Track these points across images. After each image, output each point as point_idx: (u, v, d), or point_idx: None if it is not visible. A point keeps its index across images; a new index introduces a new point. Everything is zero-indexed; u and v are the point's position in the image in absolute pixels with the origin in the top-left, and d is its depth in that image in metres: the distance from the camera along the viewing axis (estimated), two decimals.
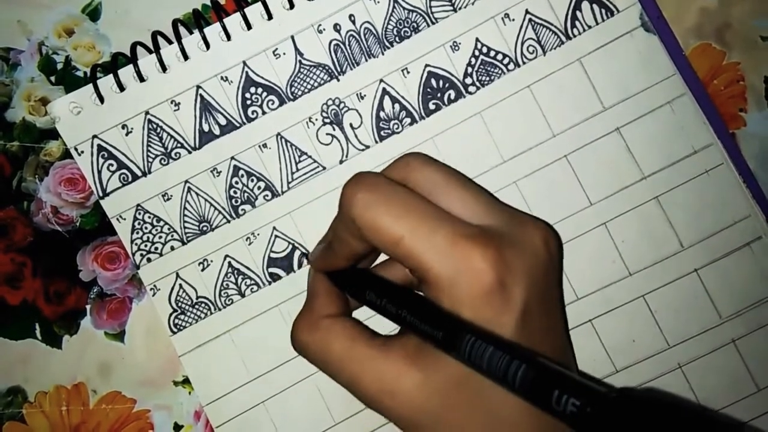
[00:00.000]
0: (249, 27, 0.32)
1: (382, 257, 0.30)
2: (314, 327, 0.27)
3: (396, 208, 0.24)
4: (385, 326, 0.30)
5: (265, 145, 0.32)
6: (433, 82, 0.32)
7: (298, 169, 0.32)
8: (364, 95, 0.32)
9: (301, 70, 0.32)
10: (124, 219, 0.32)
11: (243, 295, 0.32)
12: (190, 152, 0.32)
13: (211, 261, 0.32)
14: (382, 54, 0.32)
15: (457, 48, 0.32)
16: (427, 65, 0.32)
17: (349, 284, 0.28)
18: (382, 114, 0.32)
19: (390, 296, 0.26)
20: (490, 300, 0.23)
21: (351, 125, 0.32)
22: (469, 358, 0.21)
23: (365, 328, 0.27)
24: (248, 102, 0.32)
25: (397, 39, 0.32)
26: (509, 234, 0.25)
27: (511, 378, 0.20)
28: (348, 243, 0.26)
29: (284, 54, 0.32)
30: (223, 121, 0.32)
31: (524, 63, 0.32)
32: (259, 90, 0.32)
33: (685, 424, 0.17)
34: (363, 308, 0.29)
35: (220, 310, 0.32)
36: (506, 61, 0.32)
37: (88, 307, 0.32)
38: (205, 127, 0.32)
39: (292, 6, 0.32)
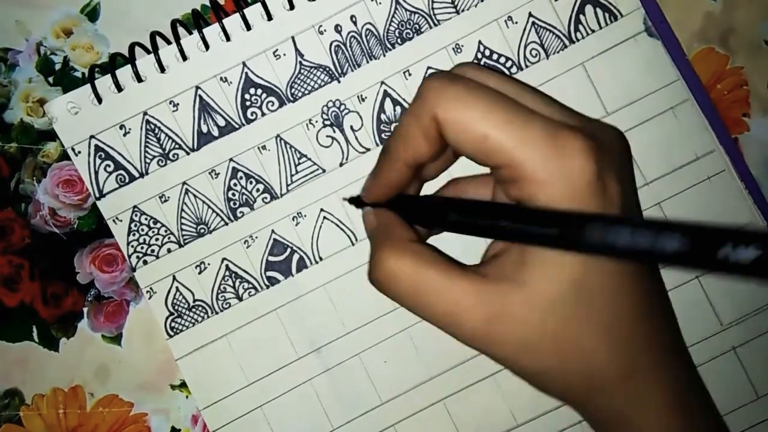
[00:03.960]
0: (249, 28, 0.31)
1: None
2: (404, 253, 0.24)
3: (483, 102, 0.22)
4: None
5: (264, 147, 0.32)
6: None
7: (297, 172, 0.32)
8: (365, 97, 0.32)
9: (302, 71, 0.32)
10: (121, 220, 0.31)
11: (240, 299, 0.31)
12: (188, 153, 0.31)
13: (209, 264, 0.31)
14: (384, 55, 0.32)
15: (459, 50, 0.32)
16: (429, 67, 0.32)
17: (419, 211, 0.25)
18: (383, 116, 0.32)
19: (479, 210, 0.23)
20: (594, 193, 0.22)
21: (351, 127, 0.32)
22: (601, 248, 0.20)
23: (452, 259, 0.24)
24: (248, 103, 0.31)
25: (398, 40, 0.32)
26: (594, 131, 0.23)
27: (660, 250, 0.18)
28: (417, 143, 0.24)
29: (284, 55, 0.31)
30: (222, 123, 0.31)
31: (527, 66, 0.32)
32: (259, 91, 0.32)
33: None
34: None
35: (217, 313, 0.31)
36: (509, 64, 0.32)
37: (85, 309, 0.32)
38: (204, 128, 0.31)
39: (292, 7, 0.31)
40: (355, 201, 0.28)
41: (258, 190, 0.32)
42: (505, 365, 0.23)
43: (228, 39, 0.31)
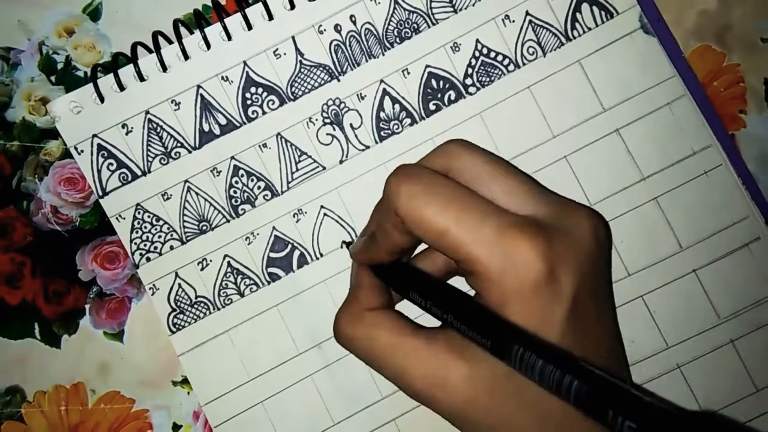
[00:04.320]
0: (250, 27, 0.32)
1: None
2: (359, 320, 0.27)
3: (440, 199, 0.24)
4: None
5: (265, 145, 0.32)
6: (434, 82, 0.32)
7: (298, 169, 0.32)
8: (365, 95, 0.32)
9: (302, 70, 0.32)
10: (124, 218, 0.32)
11: (242, 295, 0.32)
12: (190, 152, 0.32)
13: (211, 261, 0.32)
14: (383, 54, 0.32)
15: (457, 49, 0.32)
16: (427, 66, 0.32)
17: (393, 278, 0.28)
18: (382, 114, 0.32)
19: (435, 298, 0.25)
20: (540, 291, 0.23)
21: (351, 125, 0.32)
22: (520, 367, 0.21)
23: (410, 321, 0.27)
24: (248, 102, 0.32)
25: (397, 40, 0.32)
26: (557, 223, 0.24)
27: (565, 391, 0.20)
28: (392, 236, 0.26)
29: (285, 54, 0.32)
30: (223, 121, 0.32)
31: (524, 64, 0.32)
32: (260, 90, 0.32)
33: None
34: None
35: (219, 309, 0.32)
36: (506, 62, 0.32)
37: (87, 306, 0.32)
38: (206, 127, 0.32)
39: (292, 6, 0.32)
40: (348, 245, 0.31)
41: (259, 187, 0.32)
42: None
43: (229, 38, 0.32)
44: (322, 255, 0.32)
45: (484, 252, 0.23)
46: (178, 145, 0.32)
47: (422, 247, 0.29)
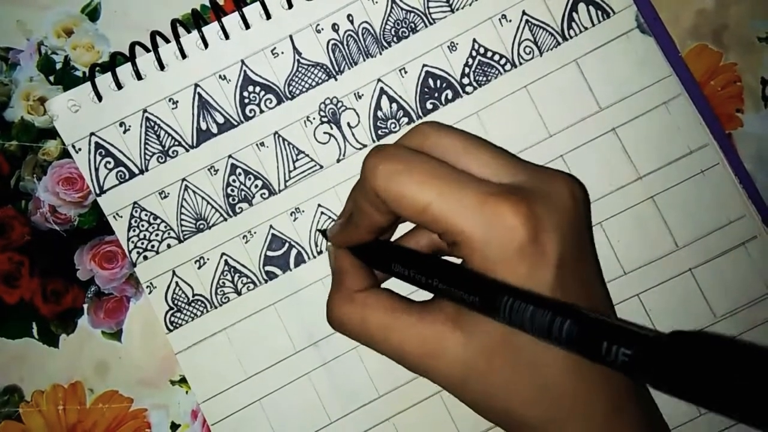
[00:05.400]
0: (247, 26, 0.32)
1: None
2: (349, 302, 0.27)
3: (419, 174, 0.24)
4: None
5: (262, 144, 0.32)
6: (431, 81, 0.32)
7: (295, 168, 0.32)
8: (362, 94, 0.32)
9: (299, 69, 0.32)
10: (121, 216, 0.32)
11: (239, 294, 0.32)
12: (187, 150, 0.32)
13: (208, 259, 0.32)
14: (380, 54, 0.32)
15: (454, 48, 0.32)
16: (424, 65, 0.32)
17: (374, 257, 0.28)
18: (379, 113, 0.32)
19: (418, 266, 0.25)
20: (525, 255, 0.23)
21: (348, 124, 0.32)
22: (510, 319, 0.21)
23: (400, 297, 0.27)
24: (246, 100, 0.32)
25: (395, 39, 0.32)
26: (535, 188, 0.24)
27: (556, 334, 0.20)
28: (370, 215, 0.26)
29: (282, 53, 0.32)
30: (220, 120, 0.32)
31: (521, 64, 0.32)
32: (257, 89, 0.32)
33: (745, 362, 0.16)
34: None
35: (216, 308, 0.32)
36: (503, 61, 0.32)
37: (85, 306, 0.32)
38: (203, 126, 0.32)
39: (290, 6, 0.32)
40: (324, 233, 0.32)
41: (256, 186, 0.32)
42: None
43: (227, 37, 0.32)
44: (319, 253, 0.32)
45: (467, 221, 0.23)
46: (176, 143, 0.32)
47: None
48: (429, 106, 0.32)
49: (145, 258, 0.32)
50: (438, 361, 0.25)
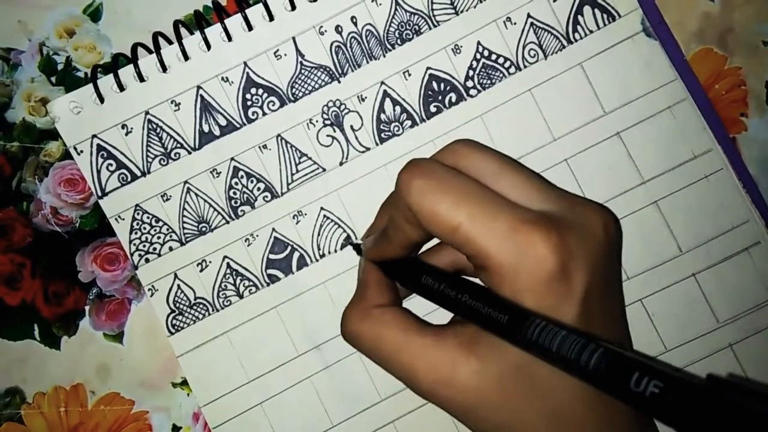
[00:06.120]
0: (250, 28, 0.31)
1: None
2: (366, 316, 0.26)
3: (453, 194, 0.24)
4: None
5: (265, 146, 0.32)
6: (435, 84, 0.32)
7: (298, 171, 0.32)
8: (365, 97, 0.32)
9: (302, 71, 0.32)
10: (123, 219, 0.32)
11: (241, 297, 0.32)
12: (189, 153, 0.32)
13: (210, 262, 0.32)
14: (384, 56, 0.32)
15: (458, 51, 0.32)
16: (428, 68, 0.32)
17: (402, 273, 0.28)
18: (382, 116, 0.32)
19: (448, 280, 0.25)
20: (553, 287, 0.23)
21: (351, 127, 0.32)
22: (536, 344, 0.21)
23: (417, 318, 0.26)
24: (249, 103, 0.32)
25: (398, 41, 0.32)
26: (568, 218, 0.24)
27: (584, 362, 0.19)
28: (404, 230, 0.25)
29: (285, 55, 0.32)
30: (223, 122, 0.32)
31: (525, 67, 0.32)
32: (260, 91, 0.32)
33: None
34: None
35: (218, 311, 0.32)
36: (507, 64, 0.32)
37: (86, 308, 0.32)
38: (205, 128, 0.32)
39: (293, 7, 0.32)
40: (356, 248, 0.31)
41: (259, 188, 0.32)
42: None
43: (230, 39, 0.32)
44: (321, 257, 0.32)
45: (497, 246, 0.23)
46: (178, 145, 0.32)
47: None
48: (433, 109, 0.32)
49: (147, 261, 0.32)
50: (449, 386, 0.24)
